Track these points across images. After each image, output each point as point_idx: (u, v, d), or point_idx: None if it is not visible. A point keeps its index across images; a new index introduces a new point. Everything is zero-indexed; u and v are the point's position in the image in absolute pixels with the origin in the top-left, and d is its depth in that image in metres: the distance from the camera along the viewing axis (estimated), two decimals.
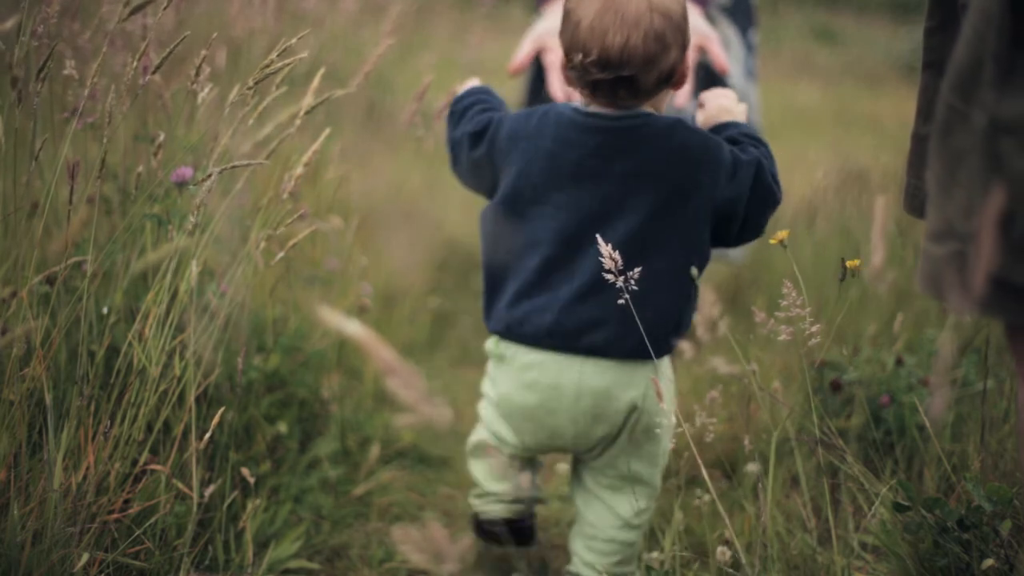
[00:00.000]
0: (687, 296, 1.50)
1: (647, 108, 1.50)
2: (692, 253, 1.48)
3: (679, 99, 1.90)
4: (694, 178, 1.45)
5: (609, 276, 1.36)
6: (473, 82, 1.74)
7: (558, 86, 1.90)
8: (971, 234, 1.00)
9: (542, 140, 1.49)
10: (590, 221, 1.46)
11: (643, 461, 1.56)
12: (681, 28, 1.46)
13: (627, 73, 1.42)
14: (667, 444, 1.56)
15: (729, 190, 1.47)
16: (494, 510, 1.69)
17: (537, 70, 2.40)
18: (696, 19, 1.96)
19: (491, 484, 1.69)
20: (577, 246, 1.47)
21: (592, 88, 1.47)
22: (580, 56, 1.43)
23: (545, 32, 1.95)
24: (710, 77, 2.24)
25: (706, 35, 1.98)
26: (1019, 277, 0.98)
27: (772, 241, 1.44)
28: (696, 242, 1.48)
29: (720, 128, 1.58)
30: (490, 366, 1.59)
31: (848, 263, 1.40)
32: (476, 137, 1.57)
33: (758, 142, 1.55)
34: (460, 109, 1.64)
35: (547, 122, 1.50)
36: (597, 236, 1.40)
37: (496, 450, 1.65)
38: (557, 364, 1.49)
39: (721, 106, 1.61)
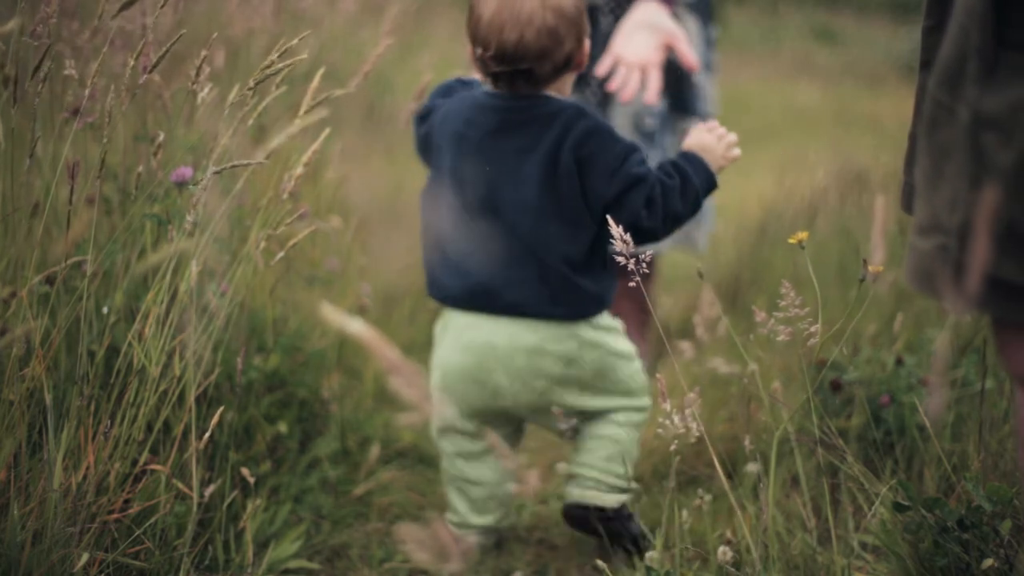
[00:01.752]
0: (595, 264, 1.60)
1: (551, 92, 1.60)
2: (583, 226, 1.57)
3: (649, 96, 1.92)
4: (570, 159, 1.55)
5: (620, 259, 1.41)
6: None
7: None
8: (955, 228, 1.01)
9: (456, 123, 1.61)
10: (493, 192, 1.57)
11: (605, 393, 1.65)
12: (575, 21, 1.56)
13: (523, 67, 1.54)
14: (632, 368, 1.66)
15: (600, 185, 1.56)
16: (474, 538, 1.75)
17: None
18: (664, 18, 2.00)
19: (473, 518, 1.73)
20: (489, 215, 1.58)
21: (493, 79, 1.59)
22: (481, 50, 1.55)
23: None
24: (674, 73, 2.25)
25: (673, 33, 2.00)
26: (1004, 272, 0.98)
27: (791, 240, 1.45)
28: (583, 217, 1.57)
29: (680, 154, 1.67)
30: (436, 341, 1.68)
31: (872, 268, 1.41)
32: (421, 119, 1.70)
33: (683, 177, 1.61)
34: (432, 94, 1.76)
35: (463, 105, 1.62)
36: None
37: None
38: (489, 323, 1.59)
39: (699, 139, 1.69)
